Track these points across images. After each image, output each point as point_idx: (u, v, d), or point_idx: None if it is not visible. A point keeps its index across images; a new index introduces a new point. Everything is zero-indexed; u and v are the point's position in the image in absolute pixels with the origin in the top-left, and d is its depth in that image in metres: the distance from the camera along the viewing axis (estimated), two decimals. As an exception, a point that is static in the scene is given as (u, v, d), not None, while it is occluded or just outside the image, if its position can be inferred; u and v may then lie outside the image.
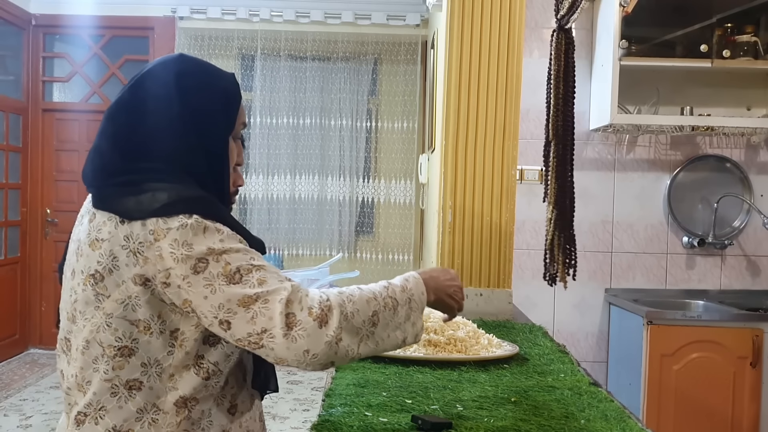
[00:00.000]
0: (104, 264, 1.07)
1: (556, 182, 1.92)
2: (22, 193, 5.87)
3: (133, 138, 1.12)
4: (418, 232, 5.98)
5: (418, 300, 1.18)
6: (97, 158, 1.14)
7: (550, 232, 1.97)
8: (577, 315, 3.75)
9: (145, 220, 1.05)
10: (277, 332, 1.00)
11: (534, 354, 1.89)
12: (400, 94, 5.99)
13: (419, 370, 1.65)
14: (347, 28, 5.85)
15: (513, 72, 2.34)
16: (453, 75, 2.33)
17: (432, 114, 4.65)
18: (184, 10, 5.79)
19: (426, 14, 5.70)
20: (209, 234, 1.05)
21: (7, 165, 5.61)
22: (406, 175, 6.02)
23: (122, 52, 5.95)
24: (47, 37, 6.02)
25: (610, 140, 3.71)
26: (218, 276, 1.02)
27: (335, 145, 6.00)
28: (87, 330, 1.10)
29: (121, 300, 1.07)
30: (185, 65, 1.17)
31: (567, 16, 1.80)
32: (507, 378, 1.63)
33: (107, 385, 1.09)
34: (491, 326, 2.19)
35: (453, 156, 2.33)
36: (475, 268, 2.36)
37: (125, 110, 1.14)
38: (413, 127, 5.96)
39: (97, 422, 1.10)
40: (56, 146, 6.03)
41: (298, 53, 5.97)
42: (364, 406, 1.39)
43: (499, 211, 2.35)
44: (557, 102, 1.89)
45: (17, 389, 4.89)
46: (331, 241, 6.05)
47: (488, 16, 2.34)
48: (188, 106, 1.12)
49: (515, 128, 2.33)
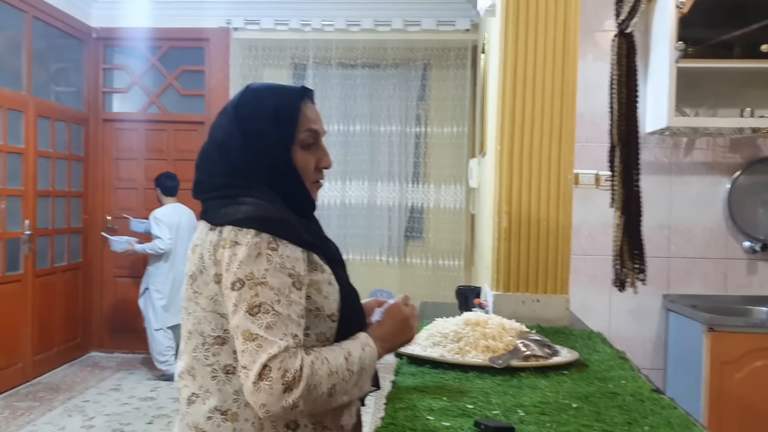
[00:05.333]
0: (198, 265, 1.24)
1: (622, 187, 1.90)
2: (83, 200, 6.07)
3: (226, 159, 1.28)
4: (468, 237, 5.96)
5: (369, 368, 1.26)
6: (202, 175, 1.32)
7: (618, 237, 1.95)
8: (633, 321, 3.69)
9: (223, 227, 1.21)
10: (250, 375, 1.11)
11: (594, 360, 1.87)
12: (449, 98, 5.99)
13: (479, 376, 1.66)
14: (397, 35, 5.89)
15: (569, 76, 2.32)
16: (508, 79, 2.33)
17: (483, 118, 4.64)
18: (239, 21, 5.92)
19: (476, 19, 5.70)
20: (260, 261, 1.16)
21: (69, 173, 5.82)
22: (456, 180, 6.01)
23: (179, 63, 6.12)
24: (107, 50, 6.24)
25: (667, 143, 3.65)
26: (243, 301, 1.15)
27: (385, 151, 6.04)
28: (190, 323, 1.26)
29: (210, 296, 1.22)
30: (243, 96, 1.32)
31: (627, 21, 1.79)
32: (567, 384, 1.62)
33: (208, 369, 1.24)
34: (548, 332, 2.18)
35: (508, 160, 2.32)
36: (531, 273, 2.35)
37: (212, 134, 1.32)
38: (463, 131, 5.95)
39: (204, 403, 1.24)
40: (116, 155, 6.22)
41: (348, 61, 6.03)
42: (426, 410, 1.41)
43: (556, 215, 2.34)
44: (620, 107, 1.87)
45: (80, 391, 5.05)
46: (381, 247, 6.08)
47: (543, 21, 2.33)
48: (244, 132, 1.27)
49: (571, 132, 2.32)
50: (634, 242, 1.95)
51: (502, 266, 2.36)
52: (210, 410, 1.23)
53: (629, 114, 1.87)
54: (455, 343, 1.76)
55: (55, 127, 5.55)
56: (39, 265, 5.33)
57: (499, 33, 2.43)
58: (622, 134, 1.88)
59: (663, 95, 3.34)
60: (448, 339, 1.77)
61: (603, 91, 3.53)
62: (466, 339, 1.76)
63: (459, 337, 1.77)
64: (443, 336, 1.79)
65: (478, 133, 5.28)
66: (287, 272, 1.17)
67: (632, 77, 1.86)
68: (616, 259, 2.02)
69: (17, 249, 5.06)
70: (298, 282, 1.18)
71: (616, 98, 1.88)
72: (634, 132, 1.90)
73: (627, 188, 1.90)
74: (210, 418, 1.23)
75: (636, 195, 1.94)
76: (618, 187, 1.92)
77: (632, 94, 1.87)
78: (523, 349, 1.75)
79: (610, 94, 1.92)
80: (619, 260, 2.01)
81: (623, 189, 1.91)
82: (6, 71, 5.02)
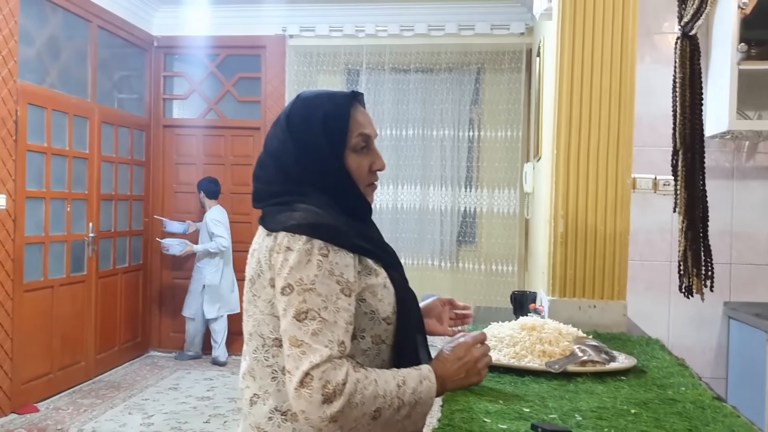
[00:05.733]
0: (255, 269, 1.27)
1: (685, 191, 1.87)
2: (144, 204, 6.25)
3: (280, 167, 1.32)
4: (522, 242, 5.91)
5: (425, 403, 1.24)
6: (259, 184, 1.36)
7: (682, 243, 1.92)
8: (693, 329, 3.61)
9: (278, 233, 1.23)
10: (293, 380, 1.14)
11: (652, 367, 1.85)
12: (503, 102, 5.96)
13: (535, 380, 1.66)
14: (451, 39, 5.90)
15: (627, 79, 2.30)
16: (565, 83, 2.32)
17: (538, 122, 4.61)
18: (294, 29, 6.01)
19: (531, 22, 5.66)
20: (309, 267, 1.18)
21: (131, 178, 6.00)
22: (509, 184, 5.97)
23: (236, 71, 6.25)
24: (167, 57, 6.41)
25: (728, 147, 3.56)
26: (291, 307, 1.17)
27: (437, 155, 6.04)
28: (250, 324, 1.30)
29: (267, 300, 1.25)
30: (294, 105, 1.35)
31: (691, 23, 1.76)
32: (625, 390, 1.61)
33: (268, 370, 1.26)
34: (606, 339, 2.16)
35: (565, 165, 2.31)
36: (588, 279, 2.33)
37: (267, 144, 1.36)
38: (517, 135, 5.91)
39: (264, 403, 1.27)
40: (175, 160, 6.39)
41: (401, 66, 6.07)
42: (483, 413, 1.42)
43: (613, 220, 2.31)
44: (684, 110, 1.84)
45: (139, 389, 5.20)
46: (433, 251, 6.08)
47: (600, 24, 2.31)
48: (295, 140, 1.30)
49: (629, 136, 2.29)
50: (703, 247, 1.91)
51: (558, 271, 2.34)
52: (270, 410, 1.25)
53: (693, 117, 1.83)
54: (511, 347, 1.76)
55: (118, 132, 5.74)
56: (102, 266, 5.51)
57: (555, 36, 2.41)
58: (686, 138, 1.84)
59: (724, 98, 3.26)
60: (504, 343, 1.78)
61: (661, 95, 3.48)
62: (522, 343, 1.75)
63: (515, 342, 1.77)
64: (499, 340, 1.79)
65: (532, 137, 5.24)
66: (335, 279, 1.18)
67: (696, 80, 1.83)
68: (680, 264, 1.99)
69: (81, 251, 5.25)
70: (347, 289, 1.19)
71: (679, 101, 1.85)
72: (699, 135, 1.86)
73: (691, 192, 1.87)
74: (271, 418, 1.25)
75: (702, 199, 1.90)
76: (681, 191, 1.88)
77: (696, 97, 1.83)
78: (580, 354, 1.73)
79: (673, 97, 1.89)
80: (683, 266, 1.97)
81: (686, 193, 1.87)
82: (73, 79, 5.22)
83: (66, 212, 5.04)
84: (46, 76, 4.91)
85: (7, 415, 4.42)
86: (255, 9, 5.98)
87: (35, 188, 4.70)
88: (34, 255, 4.72)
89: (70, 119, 5.06)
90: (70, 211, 5.08)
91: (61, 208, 5.00)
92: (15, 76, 4.42)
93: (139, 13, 5.96)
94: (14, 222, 4.44)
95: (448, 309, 1.61)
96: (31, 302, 4.64)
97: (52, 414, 4.55)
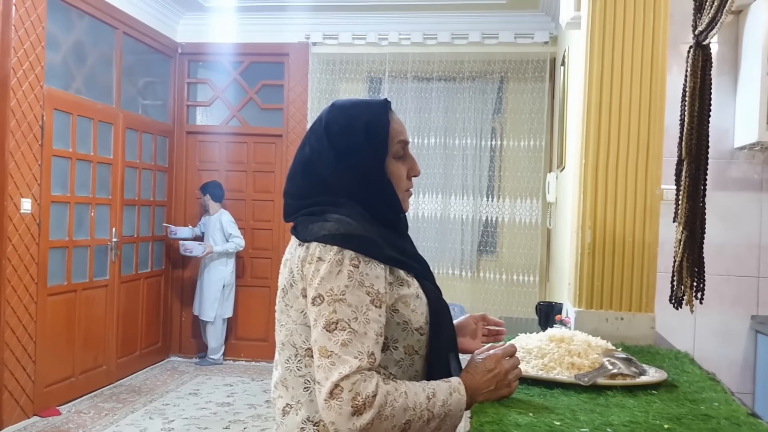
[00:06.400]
0: (288, 279, 1.28)
1: (687, 203, 1.84)
2: (167, 209, 6.29)
3: (315, 177, 1.31)
4: (544, 252, 5.87)
5: (455, 415, 1.24)
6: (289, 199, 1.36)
7: (678, 253, 1.89)
8: (718, 342, 3.55)
9: (310, 243, 1.22)
10: (323, 392, 1.12)
11: (683, 381, 1.81)
12: (526, 112, 5.93)
13: (564, 393, 1.63)
14: (474, 48, 5.89)
15: (656, 89, 2.27)
16: (593, 92, 2.29)
17: (561, 132, 4.58)
18: (317, 36, 6.04)
19: (555, 32, 5.64)
20: (340, 277, 1.17)
21: (154, 183, 6.04)
22: (531, 194, 5.94)
23: (259, 78, 6.28)
24: (191, 64, 6.46)
25: (757, 159, 3.51)
26: (322, 317, 1.16)
27: (459, 164, 6.03)
28: (282, 334, 1.29)
29: (299, 309, 1.24)
30: (331, 114, 1.34)
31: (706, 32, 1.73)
32: (657, 404, 1.58)
33: (300, 380, 1.25)
34: (633, 351, 2.12)
35: (593, 175, 2.28)
36: (615, 290, 2.29)
37: (299, 155, 1.35)
38: (540, 145, 5.88)
39: (296, 413, 1.26)
40: (198, 166, 6.44)
41: (424, 74, 6.06)
42: (513, 425, 1.39)
43: (642, 231, 2.28)
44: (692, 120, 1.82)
45: (160, 394, 5.22)
46: (454, 260, 6.06)
47: (630, 32, 2.29)
48: (336, 149, 1.29)
49: (659, 146, 2.26)
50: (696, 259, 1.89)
51: (585, 282, 2.31)
52: (302, 421, 1.25)
53: (701, 128, 1.81)
54: (539, 359, 1.73)
55: (142, 138, 5.79)
56: (124, 271, 5.55)
57: (584, 45, 2.39)
58: (692, 148, 1.82)
59: (753, 109, 3.22)
60: (532, 355, 1.75)
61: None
62: (550, 355, 1.73)
63: (543, 353, 1.74)
64: (527, 352, 1.77)
65: (556, 147, 5.21)
66: (366, 290, 1.18)
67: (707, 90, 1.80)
68: (673, 275, 1.96)
69: (104, 255, 5.29)
70: (377, 300, 1.19)
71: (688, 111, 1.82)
72: (704, 147, 1.84)
73: (692, 204, 1.84)
74: (303, 428, 1.25)
75: (702, 211, 1.88)
76: (683, 202, 1.85)
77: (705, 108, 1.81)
78: (610, 367, 1.71)
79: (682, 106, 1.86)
80: (677, 277, 1.95)
81: (688, 204, 1.84)
82: (98, 85, 5.27)
83: (90, 217, 5.09)
84: (72, 82, 4.97)
85: (29, 417, 4.45)
86: (279, 17, 6.02)
87: (60, 193, 4.75)
88: (58, 259, 4.76)
89: (95, 125, 5.11)
90: (94, 216, 5.12)
91: (85, 213, 5.05)
92: (42, 81, 4.48)
93: (164, 20, 6.02)
94: (39, 226, 4.49)
95: (481, 325, 1.59)
96: (54, 306, 4.68)
97: (73, 417, 4.57)
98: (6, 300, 4.20)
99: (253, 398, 5.16)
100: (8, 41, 4.19)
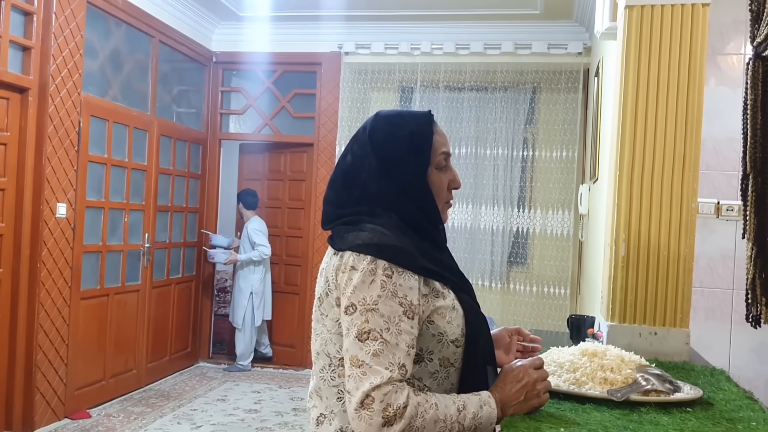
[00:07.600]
0: (324, 288, 1.26)
1: (755, 217, 1.80)
2: (198, 216, 6.35)
3: (355, 184, 1.30)
4: (575, 265, 5.80)
5: (485, 429, 1.22)
6: (328, 207, 1.36)
7: (750, 270, 1.84)
8: (756, 359, 3.47)
9: (344, 252, 1.22)
10: (353, 401, 1.12)
11: (718, 399, 1.77)
12: (559, 122, 5.88)
13: (596, 408, 1.60)
14: (506, 58, 5.86)
15: (694, 101, 2.23)
16: (628, 103, 2.26)
17: (595, 143, 4.52)
18: (350, 46, 6.06)
19: (589, 42, 5.59)
20: (373, 287, 1.17)
21: (187, 190, 6.11)
22: (563, 206, 5.87)
23: (292, 87, 6.33)
24: (225, 73, 6.53)
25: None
26: (354, 326, 1.16)
27: (489, 174, 5.99)
28: (318, 343, 1.30)
29: (334, 318, 1.24)
30: (375, 123, 1.35)
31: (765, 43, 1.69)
32: (692, 422, 1.54)
33: (334, 390, 1.25)
34: (668, 367, 2.08)
35: (627, 187, 2.25)
36: (649, 305, 2.25)
37: (341, 163, 1.36)
38: (573, 156, 5.82)
39: (330, 423, 1.26)
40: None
41: (455, 84, 6.05)
42: (543, 441, 1.37)
43: (677, 245, 2.24)
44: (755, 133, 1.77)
45: (188, 399, 5.25)
46: (483, 271, 6.01)
47: (667, 44, 2.25)
48: (379, 157, 1.30)
49: (696, 159, 2.22)
50: None
51: (618, 296, 2.27)
52: (336, 431, 1.25)
53: (765, 141, 1.76)
54: (571, 373, 1.70)
55: (175, 146, 5.86)
56: (156, 276, 5.61)
57: (619, 56, 2.36)
58: (757, 162, 1.77)
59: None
60: (563, 369, 1.72)
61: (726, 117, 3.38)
62: (582, 370, 1.70)
63: (575, 368, 1.71)
64: (559, 365, 1.74)
65: (589, 158, 5.15)
66: (398, 300, 1.17)
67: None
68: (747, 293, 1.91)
69: (137, 261, 5.35)
70: (410, 311, 1.18)
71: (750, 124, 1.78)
72: None
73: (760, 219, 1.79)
74: None
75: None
76: (751, 216, 1.81)
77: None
78: (644, 383, 1.67)
79: (744, 119, 1.82)
80: (750, 294, 1.89)
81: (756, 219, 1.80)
82: (134, 93, 5.35)
83: (123, 222, 5.15)
84: (109, 89, 5.05)
85: (60, 420, 4.51)
86: (312, 26, 6.06)
87: (95, 198, 4.82)
88: (91, 263, 4.83)
89: (131, 131, 5.19)
90: (128, 222, 5.19)
91: (118, 218, 5.12)
92: (79, 88, 4.56)
93: (199, 29, 6.09)
94: (74, 230, 4.56)
95: (516, 339, 1.56)
96: (86, 309, 4.74)
97: (103, 420, 4.62)
98: (40, 303, 4.27)
99: (280, 405, 5.17)
100: (48, 48, 4.28)
